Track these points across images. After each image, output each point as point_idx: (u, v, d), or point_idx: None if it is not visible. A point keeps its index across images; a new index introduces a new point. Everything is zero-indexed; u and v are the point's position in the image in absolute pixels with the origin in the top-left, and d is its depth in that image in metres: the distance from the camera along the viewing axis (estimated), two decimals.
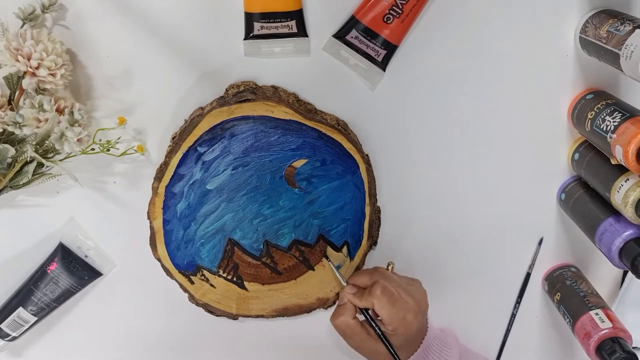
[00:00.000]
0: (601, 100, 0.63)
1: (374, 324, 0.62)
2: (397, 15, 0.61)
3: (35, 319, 0.70)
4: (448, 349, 0.66)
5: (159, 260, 0.68)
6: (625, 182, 0.60)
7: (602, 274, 0.76)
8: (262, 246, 0.69)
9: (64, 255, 0.69)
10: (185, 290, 0.70)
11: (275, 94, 0.64)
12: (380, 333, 0.62)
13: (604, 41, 0.59)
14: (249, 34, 0.62)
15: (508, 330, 0.78)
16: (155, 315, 0.75)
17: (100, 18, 0.62)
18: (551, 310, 0.78)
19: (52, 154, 0.61)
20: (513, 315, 0.78)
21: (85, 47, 0.62)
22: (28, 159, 0.61)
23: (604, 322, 0.66)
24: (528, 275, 0.76)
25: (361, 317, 0.64)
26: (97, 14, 0.61)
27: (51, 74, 0.57)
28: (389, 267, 0.67)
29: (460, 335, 0.76)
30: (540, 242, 0.74)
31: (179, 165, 0.64)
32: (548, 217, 0.74)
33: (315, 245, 0.69)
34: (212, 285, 0.70)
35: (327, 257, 0.69)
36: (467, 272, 0.76)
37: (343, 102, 0.67)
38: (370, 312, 0.64)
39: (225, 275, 0.70)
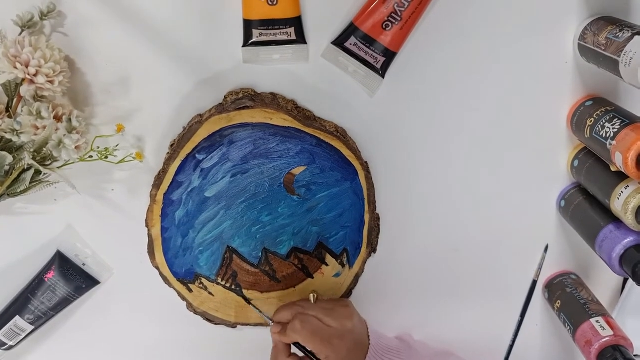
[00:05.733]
0: (600, 107, 0.63)
1: (310, 356, 0.62)
2: (396, 22, 0.61)
3: (32, 327, 0.70)
4: (401, 357, 0.66)
5: (157, 268, 0.68)
6: (625, 189, 0.60)
7: (603, 281, 0.76)
8: (260, 254, 0.68)
9: (62, 263, 0.69)
10: (184, 299, 0.70)
11: (274, 101, 0.64)
12: None
13: (603, 48, 0.59)
14: (247, 41, 0.62)
15: (514, 338, 0.78)
16: (153, 323, 0.74)
17: (99, 25, 0.62)
18: (552, 318, 0.78)
19: (49, 162, 0.61)
20: (519, 323, 0.77)
21: (83, 54, 0.62)
22: (25, 167, 0.60)
23: (605, 329, 0.66)
24: (534, 283, 0.75)
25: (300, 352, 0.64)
26: (96, 22, 0.61)
27: (49, 81, 0.57)
28: (312, 298, 0.66)
29: (461, 343, 0.76)
30: (546, 249, 0.74)
31: (177, 173, 0.64)
32: (548, 224, 0.73)
33: (314, 253, 0.69)
34: (210, 293, 0.70)
35: (247, 301, 0.68)
36: (468, 280, 0.76)
37: (342, 109, 0.67)
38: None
39: (223, 283, 0.69)
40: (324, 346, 0.60)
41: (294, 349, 0.64)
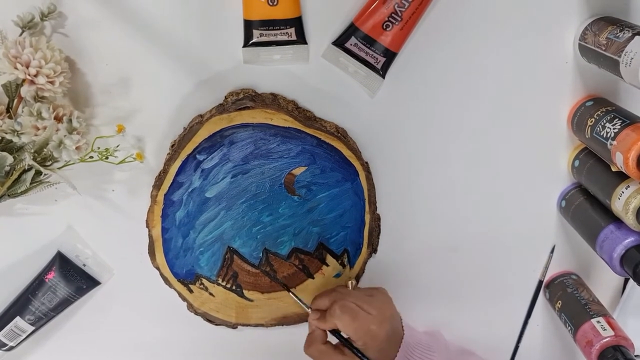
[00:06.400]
0: (601, 107, 0.62)
1: (346, 343, 0.61)
2: (397, 23, 0.61)
3: (33, 328, 0.70)
4: (432, 352, 0.65)
5: (158, 268, 0.68)
6: (626, 189, 0.60)
7: (604, 282, 0.76)
8: (261, 254, 0.68)
9: (62, 264, 0.69)
10: (184, 299, 0.70)
11: (275, 102, 0.64)
12: (355, 350, 0.61)
13: (604, 48, 0.59)
14: (248, 42, 0.62)
15: (520, 339, 0.78)
16: (153, 324, 0.74)
17: (99, 26, 0.61)
18: (552, 318, 0.78)
19: (50, 162, 0.61)
20: (525, 324, 0.77)
21: (84, 54, 0.62)
22: (26, 167, 0.60)
23: (605, 330, 0.66)
24: (540, 283, 0.75)
25: (335, 340, 0.63)
26: (96, 22, 0.61)
27: (50, 82, 0.57)
28: (350, 285, 0.66)
29: (462, 342, 0.76)
30: (552, 250, 0.74)
31: (177, 173, 0.64)
32: (548, 225, 0.73)
33: (314, 253, 0.69)
34: (211, 294, 0.70)
35: (285, 286, 0.68)
36: (468, 280, 0.76)
37: (342, 110, 0.67)
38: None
39: (224, 283, 0.69)
40: (363, 332, 0.60)
41: (330, 337, 0.63)
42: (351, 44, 0.63)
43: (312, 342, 0.63)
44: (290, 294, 0.67)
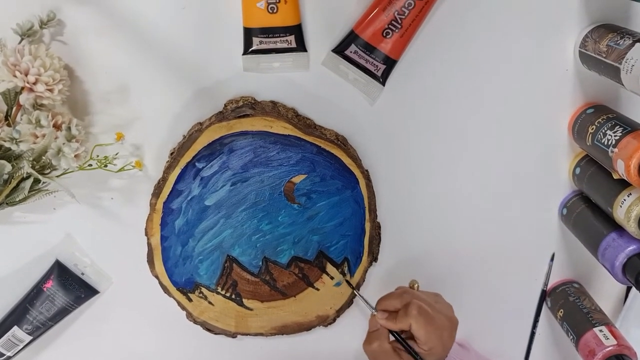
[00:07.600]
0: (602, 115, 0.62)
1: (408, 347, 0.60)
2: (397, 30, 0.61)
3: (31, 338, 0.69)
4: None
5: (157, 277, 0.68)
6: (628, 196, 0.60)
7: (606, 290, 0.76)
8: (261, 263, 0.68)
9: (60, 272, 0.68)
10: (183, 308, 0.70)
11: (274, 109, 0.64)
12: (416, 354, 0.60)
13: (604, 55, 0.59)
14: (247, 49, 0.62)
15: (529, 350, 0.77)
16: (152, 333, 0.74)
17: (98, 34, 0.61)
18: (554, 327, 0.78)
19: (49, 170, 0.61)
20: (532, 335, 0.77)
21: (82, 62, 0.62)
22: (25, 175, 0.60)
23: (608, 339, 0.65)
24: (544, 293, 0.75)
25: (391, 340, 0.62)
26: (95, 30, 0.61)
27: (49, 90, 0.57)
28: (415, 286, 0.66)
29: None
30: (552, 258, 0.74)
31: (177, 181, 0.64)
32: (550, 233, 0.73)
33: (314, 262, 0.69)
34: (210, 302, 0.69)
35: (352, 287, 0.68)
36: (470, 288, 0.75)
37: (342, 117, 0.67)
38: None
39: (223, 292, 0.69)
40: (435, 337, 0.59)
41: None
42: (351, 52, 0.63)
43: (375, 339, 0.61)
44: (356, 293, 0.67)
